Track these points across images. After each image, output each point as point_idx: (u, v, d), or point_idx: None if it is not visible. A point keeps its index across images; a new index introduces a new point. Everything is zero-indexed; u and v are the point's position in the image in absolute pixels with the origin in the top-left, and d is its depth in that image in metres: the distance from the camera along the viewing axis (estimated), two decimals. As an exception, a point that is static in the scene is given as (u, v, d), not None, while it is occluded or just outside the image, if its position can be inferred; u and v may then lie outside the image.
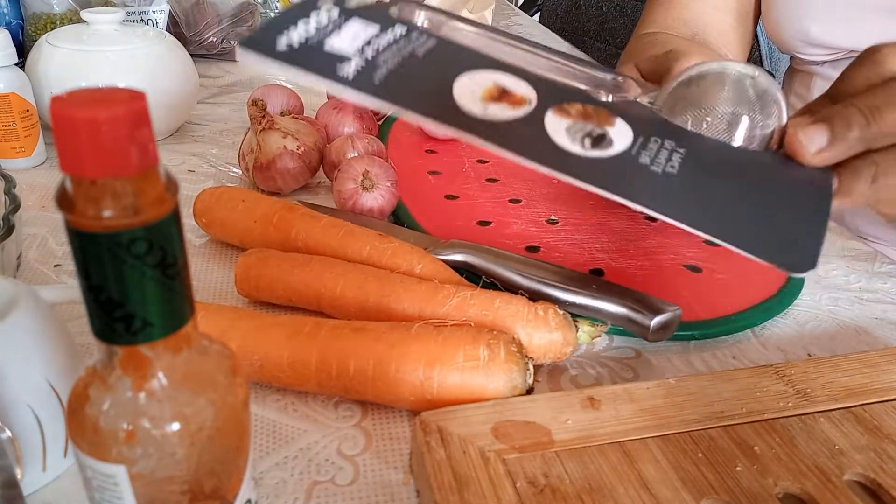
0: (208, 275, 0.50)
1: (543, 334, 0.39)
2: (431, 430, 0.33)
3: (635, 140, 0.33)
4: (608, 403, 0.35)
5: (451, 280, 0.43)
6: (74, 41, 0.65)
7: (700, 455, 0.33)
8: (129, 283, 0.18)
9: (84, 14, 0.65)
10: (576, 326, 0.40)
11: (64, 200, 0.18)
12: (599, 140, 0.33)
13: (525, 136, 0.32)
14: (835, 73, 0.70)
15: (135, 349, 0.20)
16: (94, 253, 0.18)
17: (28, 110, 0.62)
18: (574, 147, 0.32)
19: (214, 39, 0.93)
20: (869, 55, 0.36)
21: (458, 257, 0.46)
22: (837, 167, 0.34)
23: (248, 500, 0.24)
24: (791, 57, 0.77)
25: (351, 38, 0.34)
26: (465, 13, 1.05)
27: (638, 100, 0.37)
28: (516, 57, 0.37)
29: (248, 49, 0.30)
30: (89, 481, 0.21)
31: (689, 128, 0.36)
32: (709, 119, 0.36)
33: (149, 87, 0.66)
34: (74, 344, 0.35)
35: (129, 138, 0.17)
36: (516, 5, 1.65)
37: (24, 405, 0.31)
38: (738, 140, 0.36)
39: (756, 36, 1.00)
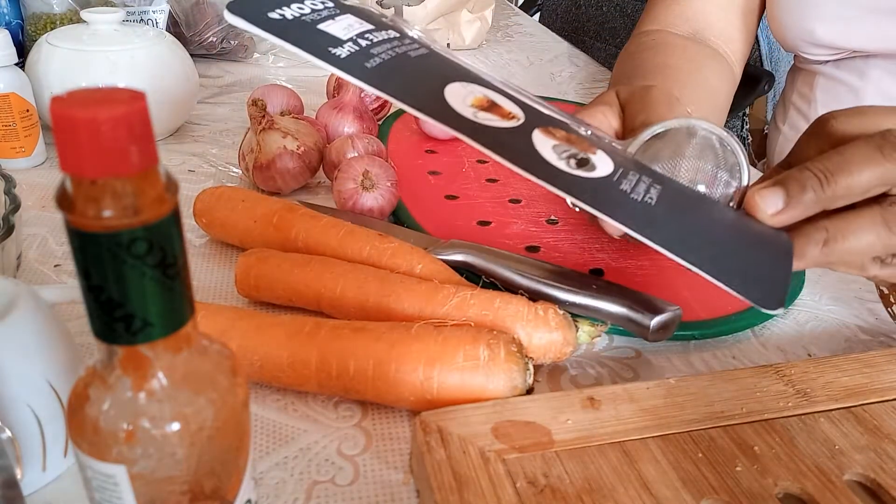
0: (208, 275, 0.50)
1: (543, 334, 0.39)
2: (431, 430, 0.33)
3: (615, 170, 0.34)
4: (608, 403, 0.35)
5: (451, 280, 0.43)
6: (74, 41, 0.65)
7: (700, 455, 0.33)
8: (129, 283, 0.18)
9: (84, 14, 0.65)
10: (576, 326, 0.40)
11: (64, 200, 0.18)
12: (584, 162, 0.33)
13: (515, 145, 0.32)
14: (838, 73, 0.70)
15: (135, 349, 0.20)
16: (94, 253, 0.18)
17: (28, 110, 0.62)
18: (560, 164, 0.32)
19: (214, 39, 0.93)
20: (821, 123, 0.37)
21: (458, 257, 0.46)
22: (791, 231, 0.35)
23: (248, 500, 0.24)
24: (794, 56, 0.77)
25: (345, 27, 0.33)
26: (464, 13, 1.05)
27: (613, 143, 0.38)
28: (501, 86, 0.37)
29: (235, 14, 0.30)
30: (89, 481, 0.21)
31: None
32: (676, 172, 0.38)
33: (149, 87, 0.66)
34: (74, 344, 0.35)
35: (129, 138, 0.17)
36: (516, 5, 1.65)
37: (24, 405, 0.31)
38: (704, 192, 0.38)
39: (756, 36, 0.99)
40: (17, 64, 0.61)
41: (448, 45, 1.07)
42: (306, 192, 0.62)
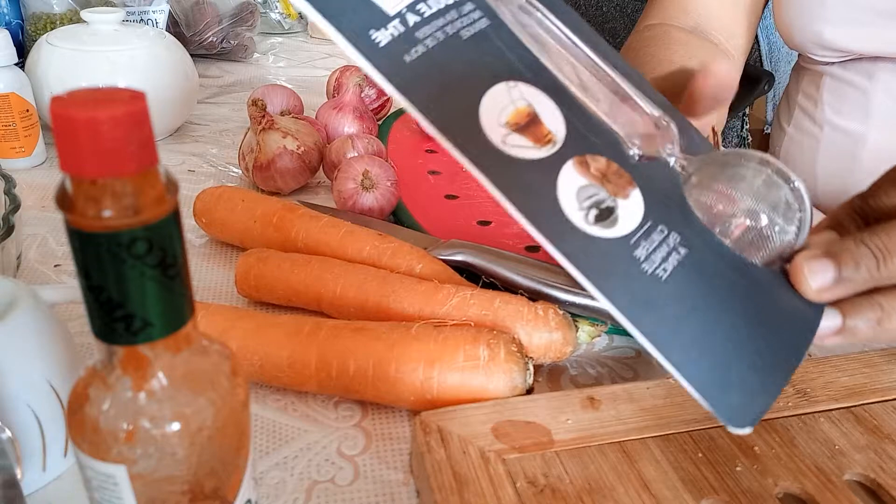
0: (208, 275, 0.50)
1: (543, 334, 0.39)
2: (431, 430, 0.33)
3: (642, 223, 0.30)
4: (608, 403, 0.35)
5: (451, 280, 0.43)
6: (74, 41, 0.65)
7: (700, 455, 0.33)
8: (129, 283, 0.18)
9: (84, 14, 0.65)
10: (576, 326, 0.40)
11: (64, 200, 0.18)
12: (606, 214, 0.30)
13: (532, 185, 0.28)
14: (845, 74, 0.69)
15: (135, 349, 0.20)
16: (94, 253, 0.18)
17: (28, 110, 0.62)
18: (576, 216, 0.29)
19: (214, 39, 0.93)
20: None
21: (458, 257, 0.46)
22: (840, 303, 0.32)
23: (249, 500, 0.24)
24: (799, 55, 0.76)
25: None
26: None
27: (672, 161, 0.33)
28: (576, 64, 0.33)
29: None
30: (89, 481, 0.21)
31: (706, 210, 0.32)
32: (730, 206, 0.33)
33: (149, 87, 0.66)
34: (74, 344, 0.35)
35: (129, 138, 0.17)
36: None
37: (24, 405, 0.31)
38: (750, 236, 0.32)
39: (756, 36, 0.99)
40: (17, 64, 0.61)
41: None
42: (306, 192, 0.62)
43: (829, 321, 0.31)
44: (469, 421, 0.34)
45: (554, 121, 0.30)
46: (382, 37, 0.28)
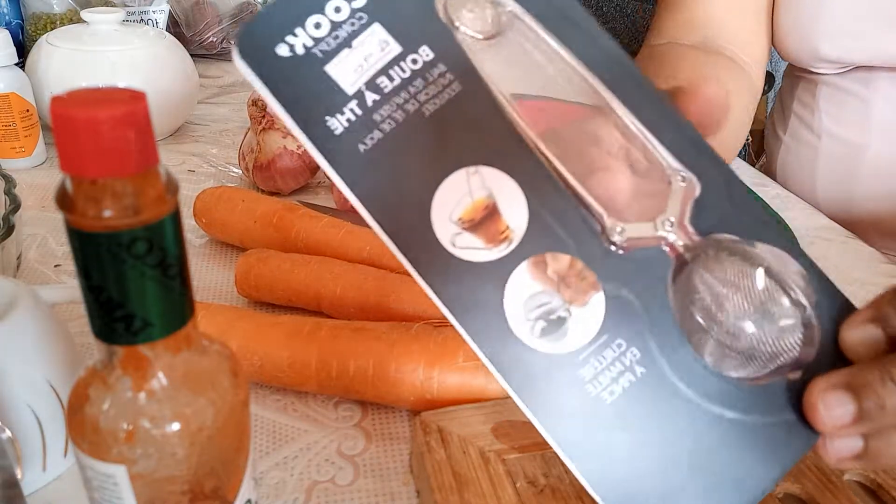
0: (208, 275, 0.50)
1: (543, 334, 0.39)
2: (431, 430, 0.33)
3: (596, 338, 0.27)
4: (608, 403, 0.35)
5: (451, 280, 0.43)
6: (74, 41, 0.65)
7: (700, 455, 0.33)
8: (130, 283, 0.18)
9: (84, 14, 0.65)
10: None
11: (64, 200, 0.18)
12: (554, 327, 0.27)
13: (477, 293, 0.27)
14: (843, 82, 0.67)
15: (135, 349, 0.20)
16: (94, 253, 0.18)
17: (28, 110, 0.62)
18: (521, 328, 0.27)
19: (214, 39, 0.93)
20: None
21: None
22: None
23: (249, 500, 0.24)
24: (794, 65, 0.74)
25: (361, 62, 0.27)
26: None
27: (669, 236, 0.28)
28: (576, 97, 0.29)
29: (243, 58, 0.25)
30: (89, 481, 0.21)
31: (688, 316, 0.28)
32: (718, 315, 0.28)
33: (149, 87, 0.66)
34: (74, 344, 0.35)
35: (129, 138, 0.17)
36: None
37: (24, 405, 0.31)
38: (734, 357, 0.28)
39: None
40: (17, 64, 0.61)
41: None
42: (306, 192, 0.62)
43: (849, 442, 0.26)
44: (469, 421, 0.34)
45: (515, 211, 0.28)
46: (338, 124, 0.26)
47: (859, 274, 0.55)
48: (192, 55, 0.73)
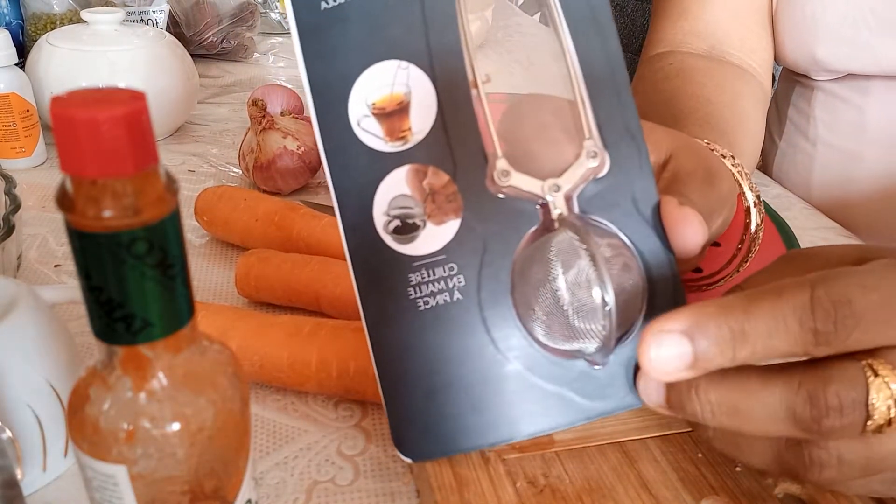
0: (208, 275, 0.50)
1: (543, 334, 0.39)
2: (431, 430, 0.33)
3: (435, 254, 0.29)
4: (608, 403, 0.35)
5: (451, 280, 0.43)
6: (74, 41, 0.65)
7: (700, 455, 0.33)
8: (130, 283, 0.18)
9: (84, 14, 0.65)
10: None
11: (64, 200, 0.18)
12: (406, 230, 0.29)
13: (357, 176, 0.29)
14: (838, 89, 0.66)
15: (135, 349, 0.20)
16: (95, 253, 0.18)
17: (28, 110, 0.62)
18: (378, 219, 0.29)
19: (214, 39, 0.93)
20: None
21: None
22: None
23: (249, 501, 0.24)
24: (791, 70, 0.73)
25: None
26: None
27: (551, 202, 0.28)
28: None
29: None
30: (89, 481, 0.21)
31: (521, 282, 0.29)
32: (537, 287, 0.28)
33: (149, 87, 0.66)
34: (74, 344, 0.35)
35: (129, 138, 0.17)
36: (517, 5, 1.65)
37: (24, 405, 0.31)
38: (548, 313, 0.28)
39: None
40: (17, 64, 0.61)
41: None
42: (306, 192, 0.62)
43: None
44: (469, 421, 0.34)
45: (422, 119, 0.29)
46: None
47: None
48: (192, 55, 0.73)
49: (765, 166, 0.81)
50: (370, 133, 0.29)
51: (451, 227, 0.29)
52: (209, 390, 0.21)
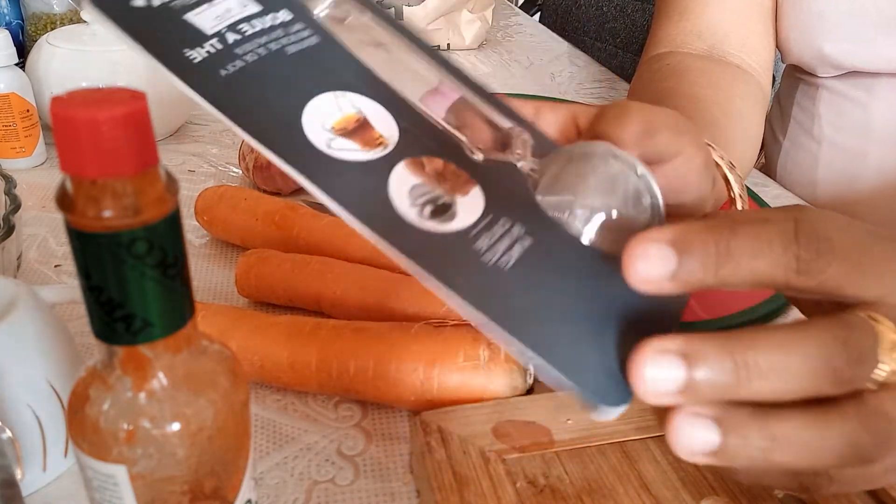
0: (208, 275, 0.50)
1: (543, 334, 0.39)
2: (431, 430, 0.33)
3: (483, 217, 0.29)
4: (608, 403, 0.35)
5: (451, 280, 0.43)
6: (74, 41, 0.65)
7: (700, 455, 0.33)
8: (130, 283, 0.18)
9: (84, 14, 0.65)
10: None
11: (64, 200, 0.18)
12: (441, 210, 0.28)
13: (361, 186, 0.27)
14: (843, 87, 0.66)
15: (135, 349, 0.20)
16: (95, 253, 0.18)
17: (28, 110, 0.62)
18: (409, 213, 0.27)
19: (214, 39, 0.93)
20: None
21: (458, 257, 0.46)
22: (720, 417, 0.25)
23: (249, 501, 0.24)
24: (795, 67, 0.73)
25: (220, 14, 0.28)
26: (465, 13, 1.05)
27: (521, 165, 0.30)
28: (418, 79, 0.31)
29: (95, 6, 0.25)
30: (89, 481, 0.21)
31: (554, 208, 0.30)
32: (579, 201, 0.30)
33: (149, 87, 0.66)
34: (74, 344, 0.35)
35: (129, 138, 0.17)
36: (516, 5, 1.65)
37: (24, 405, 0.31)
38: (601, 232, 0.30)
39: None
40: (17, 64, 0.61)
41: (448, 46, 1.07)
42: (307, 192, 0.62)
43: (706, 434, 0.24)
44: (469, 421, 0.34)
45: (386, 126, 0.29)
46: (197, 54, 0.27)
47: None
48: (192, 55, 0.73)
49: (768, 165, 0.81)
50: (347, 150, 0.28)
51: (476, 191, 0.29)
52: (209, 390, 0.21)
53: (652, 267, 0.24)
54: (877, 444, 0.24)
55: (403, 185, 0.28)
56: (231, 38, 0.28)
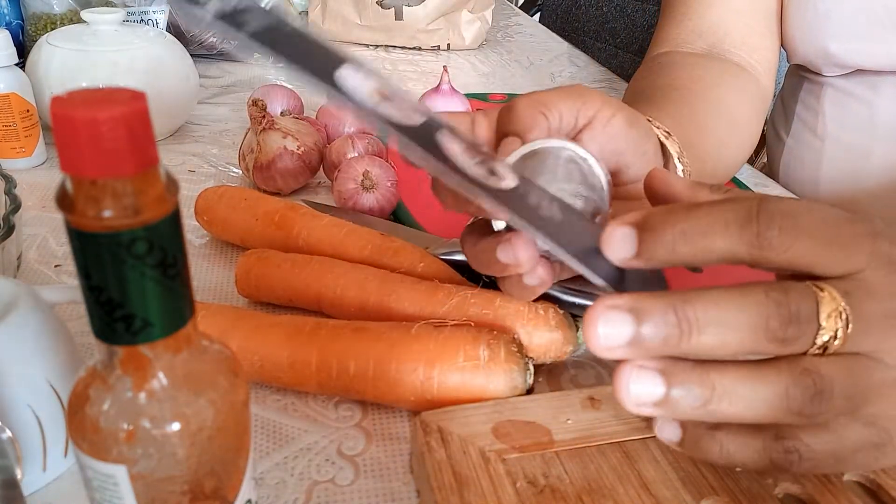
0: (208, 275, 0.50)
1: (544, 333, 0.39)
2: (431, 430, 0.33)
3: (518, 183, 0.30)
4: (608, 403, 0.35)
5: (451, 280, 0.43)
6: (74, 41, 0.65)
7: (700, 455, 0.33)
8: (130, 283, 0.18)
9: (84, 14, 0.65)
10: (576, 326, 0.40)
11: (64, 200, 0.18)
12: (493, 172, 0.29)
13: (423, 141, 0.27)
14: (848, 85, 0.66)
15: (135, 349, 0.20)
16: (95, 253, 0.18)
17: (28, 110, 0.62)
18: (474, 169, 0.28)
19: (214, 39, 0.93)
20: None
21: (459, 257, 0.46)
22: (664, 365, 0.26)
23: (249, 501, 0.24)
24: (799, 66, 0.73)
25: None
26: (464, 13, 1.05)
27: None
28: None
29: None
30: (89, 481, 0.21)
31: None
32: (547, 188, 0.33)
33: (149, 87, 0.66)
34: (74, 344, 0.35)
35: (129, 138, 0.17)
36: (516, 5, 1.65)
37: (24, 405, 0.31)
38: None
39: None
40: (17, 64, 0.61)
41: (448, 46, 1.07)
42: (306, 192, 0.62)
43: (651, 385, 0.26)
44: (469, 421, 0.34)
45: (407, 101, 0.30)
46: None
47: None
48: (192, 55, 0.73)
49: (771, 164, 0.81)
50: (394, 113, 0.28)
51: (503, 165, 0.31)
52: (209, 390, 0.21)
53: (617, 250, 0.27)
54: (808, 400, 0.25)
55: (455, 148, 0.30)
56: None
